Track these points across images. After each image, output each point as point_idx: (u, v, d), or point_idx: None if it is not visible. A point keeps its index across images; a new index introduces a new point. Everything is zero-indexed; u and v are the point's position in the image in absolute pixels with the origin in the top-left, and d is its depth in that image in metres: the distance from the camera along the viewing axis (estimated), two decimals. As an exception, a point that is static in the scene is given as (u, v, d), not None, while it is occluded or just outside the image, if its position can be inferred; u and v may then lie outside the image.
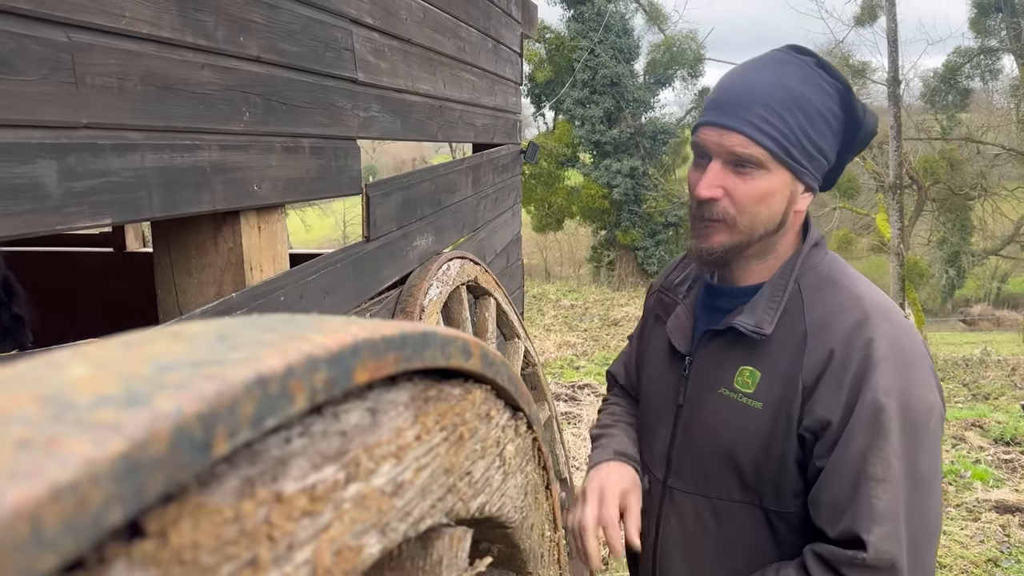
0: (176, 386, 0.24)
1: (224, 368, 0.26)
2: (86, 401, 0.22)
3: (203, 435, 0.23)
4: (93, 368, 0.25)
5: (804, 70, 1.19)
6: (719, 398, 1.26)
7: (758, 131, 1.15)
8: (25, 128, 1.10)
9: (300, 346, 0.30)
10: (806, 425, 1.16)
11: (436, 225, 2.88)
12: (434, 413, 0.47)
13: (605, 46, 20.14)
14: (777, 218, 1.22)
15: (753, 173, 1.18)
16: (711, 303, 1.35)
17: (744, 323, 1.21)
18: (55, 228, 1.15)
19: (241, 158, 1.57)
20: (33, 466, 0.18)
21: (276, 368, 0.27)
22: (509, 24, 3.95)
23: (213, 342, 0.30)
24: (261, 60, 1.63)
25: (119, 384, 0.24)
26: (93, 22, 1.21)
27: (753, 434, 1.21)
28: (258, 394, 0.26)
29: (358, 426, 0.37)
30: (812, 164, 1.20)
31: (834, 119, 1.20)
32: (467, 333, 2.92)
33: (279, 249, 1.78)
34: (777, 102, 1.16)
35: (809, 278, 1.24)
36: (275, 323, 0.34)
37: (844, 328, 1.17)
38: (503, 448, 0.65)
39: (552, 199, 22.05)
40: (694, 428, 1.31)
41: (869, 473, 1.10)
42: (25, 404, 0.22)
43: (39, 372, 0.24)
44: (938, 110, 23.18)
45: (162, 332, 0.31)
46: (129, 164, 1.28)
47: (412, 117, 2.57)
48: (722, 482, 1.27)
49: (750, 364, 1.23)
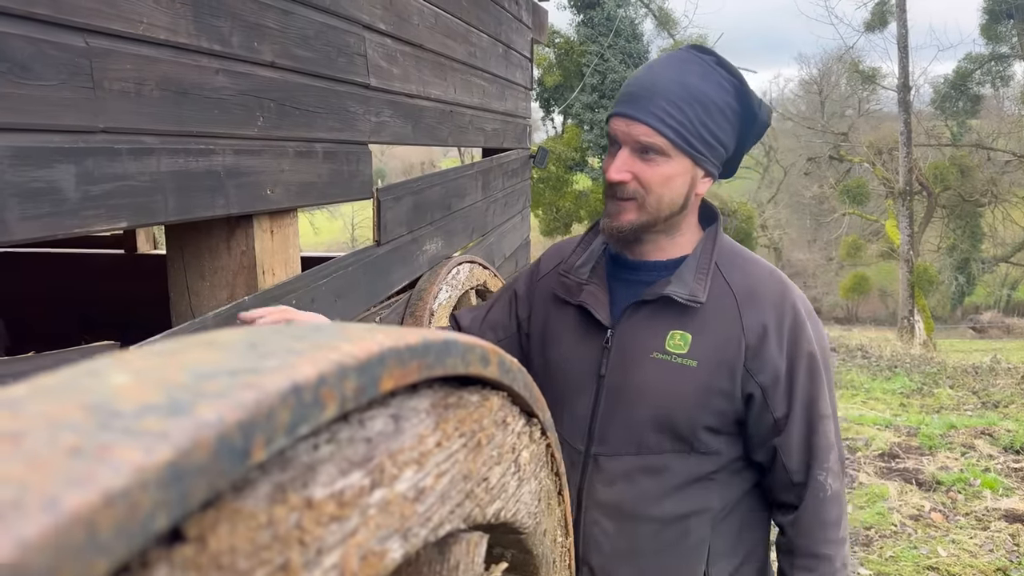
0: (216, 395, 0.25)
1: (260, 377, 0.27)
2: (131, 409, 0.23)
3: (242, 443, 0.24)
4: (133, 376, 0.26)
5: (704, 67, 1.33)
6: (651, 362, 1.37)
7: (660, 122, 1.30)
8: (44, 132, 1.11)
9: (329, 355, 0.31)
10: (759, 381, 1.34)
11: (446, 229, 2.89)
12: (454, 420, 0.48)
13: (615, 51, 20.15)
14: (680, 199, 1.36)
15: (657, 159, 1.32)
16: (627, 277, 1.45)
17: (678, 292, 1.35)
18: (73, 231, 1.16)
19: (255, 162, 1.59)
20: (87, 473, 0.19)
21: (309, 376, 0.28)
22: (520, 29, 3.96)
23: (245, 350, 0.30)
24: (275, 65, 1.65)
25: (161, 392, 0.24)
26: (111, 28, 1.22)
27: (689, 389, 1.34)
28: (293, 402, 0.27)
29: (382, 432, 0.38)
30: (711, 152, 1.35)
31: (731, 112, 1.34)
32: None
33: (291, 253, 1.79)
34: (678, 96, 1.30)
35: (721, 252, 1.41)
36: (303, 332, 0.35)
37: (772, 296, 1.37)
38: (518, 454, 0.65)
39: (560, 203, 22.05)
40: (624, 394, 1.39)
41: (820, 412, 1.35)
42: (73, 412, 0.22)
43: (82, 380, 0.25)
44: (948, 116, 23.10)
45: (195, 341, 0.32)
46: (145, 168, 1.29)
47: (423, 122, 2.58)
48: (655, 439, 1.38)
49: (680, 329, 1.36)
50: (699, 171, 1.37)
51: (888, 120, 23.70)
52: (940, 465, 5.19)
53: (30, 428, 0.21)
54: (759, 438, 1.39)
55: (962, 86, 22.43)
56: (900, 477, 5.02)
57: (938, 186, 20.78)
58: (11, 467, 0.19)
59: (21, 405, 0.23)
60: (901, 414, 6.99)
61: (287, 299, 1.71)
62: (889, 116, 23.65)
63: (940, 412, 7.13)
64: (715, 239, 1.42)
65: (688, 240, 1.45)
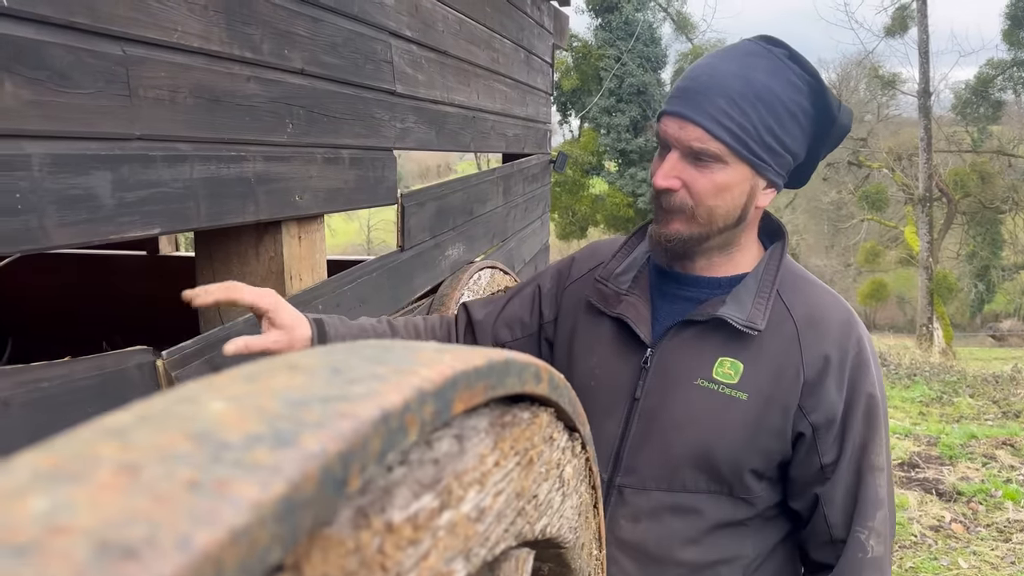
0: (315, 424, 0.25)
1: (352, 405, 0.27)
2: (238, 440, 0.23)
3: (342, 473, 0.24)
4: (230, 403, 0.26)
5: (773, 62, 1.17)
6: (694, 389, 1.23)
7: (717, 124, 1.14)
8: (81, 140, 1.13)
9: (410, 380, 0.31)
10: (812, 421, 1.21)
11: (467, 235, 2.90)
12: (509, 438, 0.48)
13: (632, 55, 20.14)
14: (736, 212, 1.21)
15: (712, 166, 1.17)
16: (673, 292, 1.31)
17: (733, 316, 1.20)
18: (109, 238, 1.17)
19: (284, 169, 1.60)
20: (212, 510, 0.19)
21: (396, 403, 0.28)
22: (541, 35, 3.97)
23: (330, 376, 0.31)
24: (304, 73, 1.66)
25: (262, 421, 0.25)
26: (147, 36, 1.23)
27: (736, 425, 1.21)
28: (383, 430, 0.27)
29: (448, 453, 0.38)
30: (775, 159, 1.19)
31: (803, 114, 1.18)
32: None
33: (318, 259, 1.80)
34: (739, 94, 1.14)
35: (783, 276, 1.27)
36: (379, 354, 0.35)
37: (838, 326, 1.23)
38: (563, 469, 0.65)
39: (576, 207, 22.06)
40: (660, 421, 1.25)
41: (872, 463, 1.21)
42: (181, 442, 0.23)
43: (180, 407, 0.25)
44: (969, 122, 22.92)
45: (277, 364, 0.32)
46: (178, 175, 1.30)
47: (446, 128, 2.58)
48: (691, 477, 1.24)
49: (730, 355, 1.22)
50: (760, 180, 1.20)
51: (907, 125, 23.56)
52: (961, 475, 5.15)
53: (144, 460, 0.21)
54: (801, 484, 1.26)
55: (983, 92, 22.25)
56: (920, 487, 4.98)
57: (958, 192, 20.63)
58: (136, 502, 0.19)
59: (129, 435, 0.23)
60: (920, 423, 6.94)
61: (313, 304, 1.72)
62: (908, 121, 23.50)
63: (960, 421, 7.06)
64: (780, 260, 1.27)
65: (746, 257, 1.29)
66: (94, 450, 0.22)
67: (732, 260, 1.29)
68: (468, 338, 1.50)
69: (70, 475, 0.20)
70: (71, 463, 0.21)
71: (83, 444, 0.22)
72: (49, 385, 1.07)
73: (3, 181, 1.00)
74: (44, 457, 0.22)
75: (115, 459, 0.21)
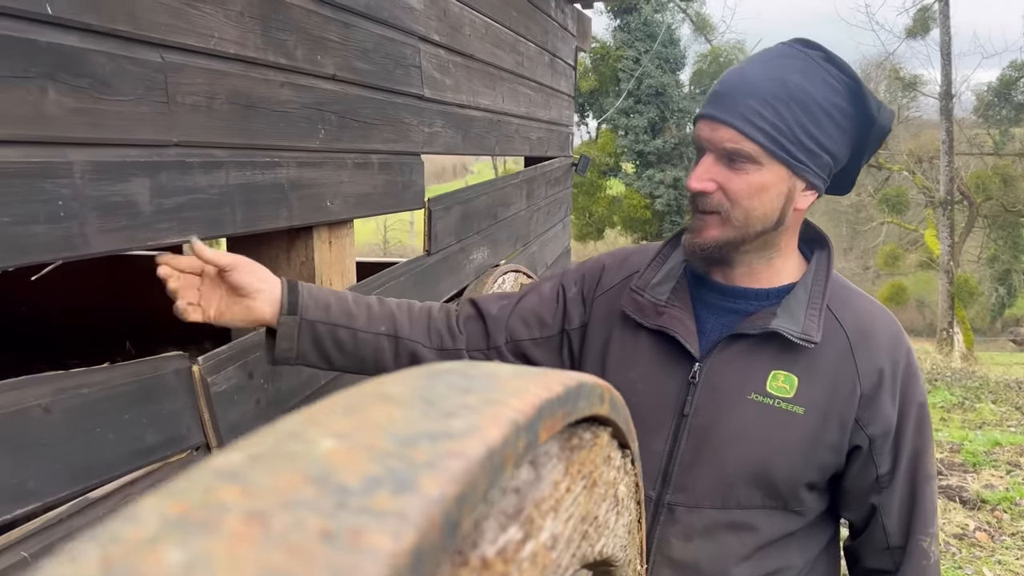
0: (428, 465, 0.25)
1: (458, 443, 0.27)
2: (357, 484, 0.23)
3: (457, 516, 0.24)
4: (339, 442, 0.26)
5: (808, 63, 1.15)
6: (749, 404, 1.20)
7: (749, 124, 1.13)
8: (122, 147, 1.13)
9: (504, 412, 0.30)
10: (869, 433, 1.20)
11: (492, 238, 2.90)
12: (577, 462, 0.48)
13: (651, 56, 20.07)
14: (774, 215, 1.18)
15: (746, 167, 1.15)
16: (716, 303, 1.28)
17: (788, 329, 1.18)
18: (147, 244, 1.18)
19: (316, 174, 1.60)
20: (351, 565, 0.19)
21: (496, 440, 0.28)
22: (565, 38, 3.96)
23: (425, 407, 0.30)
24: (336, 78, 1.66)
25: (375, 461, 0.24)
26: (185, 43, 1.24)
27: (793, 439, 1.19)
28: (488, 468, 0.27)
29: (527, 482, 0.38)
30: (812, 160, 1.16)
31: (841, 115, 1.16)
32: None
33: (347, 263, 1.80)
34: (772, 95, 1.13)
35: (829, 285, 1.25)
36: (461, 380, 0.35)
37: (888, 337, 1.23)
38: (617, 488, 0.65)
39: (593, 208, 22.02)
40: (713, 438, 1.22)
41: (927, 472, 1.23)
42: (302, 487, 0.22)
43: (290, 446, 0.25)
44: (991, 124, 22.68)
45: (368, 394, 0.32)
46: (215, 181, 1.31)
47: (472, 131, 2.59)
48: (746, 492, 1.22)
49: (784, 368, 1.20)
50: (798, 182, 1.18)
51: (928, 128, 23.36)
52: (985, 483, 5.09)
53: (271, 507, 0.21)
54: (857, 494, 1.26)
55: (1006, 94, 22.01)
56: (943, 495, 4.93)
57: (980, 195, 20.42)
58: (273, 556, 0.19)
59: (247, 477, 0.23)
60: (942, 429, 6.86)
61: (343, 309, 1.72)
62: (929, 123, 23.30)
63: (982, 428, 6.99)
64: (828, 269, 1.25)
65: (787, 266, 1.27)
66: (218, 496, 0.22)
67: (773, 268, 1.26)
68: (473, 330, 1.42)
69: (199, 524, 0.20)
70: (198, 511, 0.21)
71: (205, 489, 0.22)
72: (89, 391, 1.08)
73: (47, 188, 1.00)
74: (169, 503, 0.22)
75: (241, 506, 0.21)
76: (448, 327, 1.41)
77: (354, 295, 1.37)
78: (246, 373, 1.38)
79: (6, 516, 0.95)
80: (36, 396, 0.99)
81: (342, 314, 1.31)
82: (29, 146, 0.99)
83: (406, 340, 1.36)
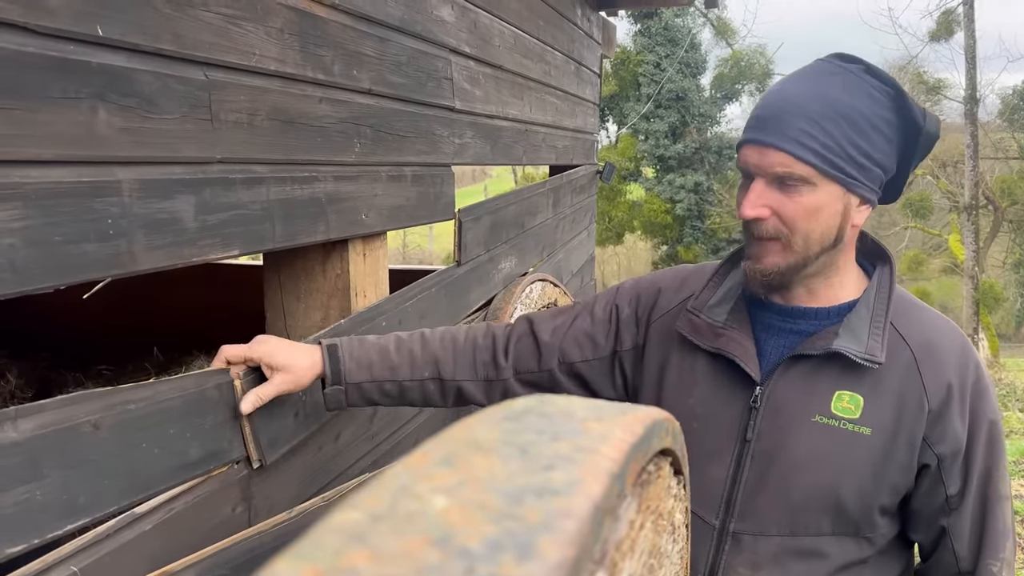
0: (544, 527, 0.25)
1: (565, 500, 0.27)
2: (480, 549, 0.24)
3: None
4: (451, 500, 0.26)
5: (849, 78, 1.15)
6: (813, 427, 1.18)
7: (800, 147, 1.12)
8: (167, 164, 1.15)
9: (599, 462, 0.31)
10: (938, 452, 1.17)
11: (519, 248, 2.90)
12: (647, 498, 0.48)
13: (671, 60, 20.02)
14: (832, 233, 1.17)
15: (800, 189, 1.14)
16: (777, 324, 1.26)
17: (851, 349, 1.16)
18: (191, 260, 1.19)
19: (352, 188, 1.61)
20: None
21: (598, 494, 0.28)
22: (590, 46, 3.97)
23: (521, 458, 0.31)
24: (372, 92, 1.67)
25: (491, 523, 0.25)
26: (228, 60, 1.26)
27: (861, 460, 1.16)
28: (595, 525, 0.27)
29: (610, 525, 0.38)
30: (864, 175, 1.15)
31: (887, 126, 1.15)
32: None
33: (380, 275, 1.82)
34: (819, 114, 1.12)
35: (892, 301, 1.22)
36: (544, 424, 0.35)
37: (954, 353, 1.19)
38: (674, 516, 0.65)
39: (613, 213, 21.96)
40: (778, 464, 1.20)
41: (1000, 492, 1.18)
42: (427, 551, 0.23)
43: (405, 505, 0.26)
44: (1016, 129, 22.40)
45: (459, 441, 0.33)
46: (256, 197, 1.32)
47: (501, 142, 2.59)
48: (815, 518, 1.19)
49: (848, 389, 1.18)
50: (853, 198, 1.16)
51: (952, 132, 23.12)
52: (1014, 494, 5.02)
53: (402, 574, 0.22)
54: (925, 516, 1.22)
55: (1032, 98, 21.73)
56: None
57: (1005, 200, 20.18)
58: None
59: (371, 540, 0.24)
60: (969, 438, 6.78)
61: (377, 321, 1.73)
62: (953, 127, 23.06)
63: (1010, 437, 6.90)
64: (890, 286, 1.22)
65: (847, 283, 1.24)
66: (349, 560, 0.22)
67: (833, 286, 1.24)
68: (525, 352, 1.44)
69: (339, 591, 0.21)
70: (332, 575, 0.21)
71: (335, 552, 0.23)
72: (135, 407, 1.09)
73: (97, 207, 1.02)
74: (303, 567, 0.22)
75: (374, 572, 0.22)
76: (493, 357, 1.44)
77: (396, 342, 1.42)
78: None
79: (58, 531, 0.97)
80: (86, 413, 1.01)
81: (385, 369, 1.39)
82: (80, 166, 1.00)
83: (450, 381, 1.42)
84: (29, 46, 0.92)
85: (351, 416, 1.69)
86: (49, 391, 2.64)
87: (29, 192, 0.93)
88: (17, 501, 0.92)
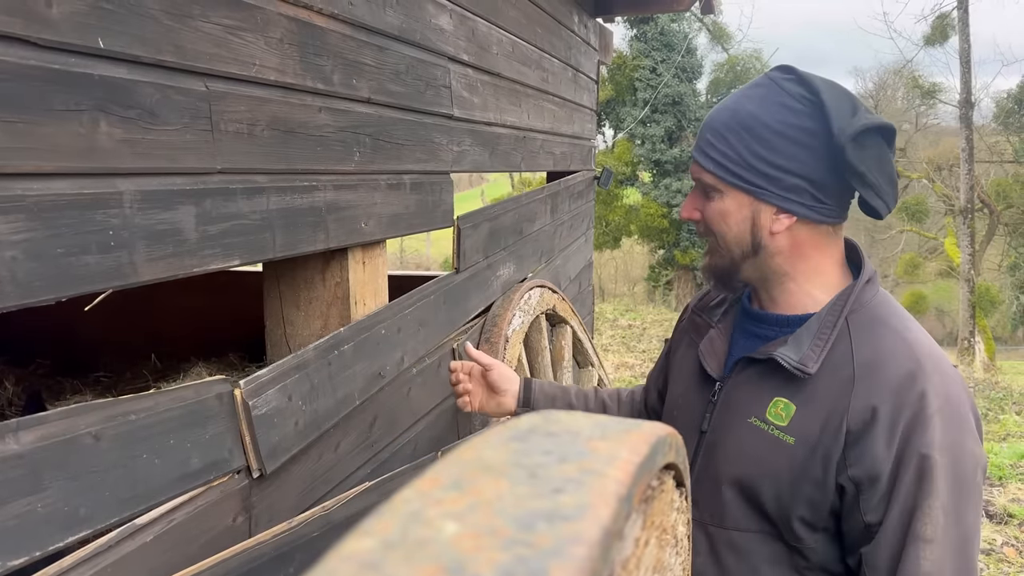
0: (555, 553, 0.25)
1: (575, 525, 0.27)
2: (492, 575, 0.24)
3: (587, 604, 0.25)
4: (461, 526, 0.27)
5: (767, 90, 1.19)
6: (747, 427, 1.23)
7: (705, 157, 1.23)
8: (168, 175, 1.15)
9: (608, 486, 0.31)
10: (852, 475, 1.14)
11: (517, 254, 2.91)
12: (651, 514, 0.48)
13: (668, 65, 20.06)
14: (745, 237, 1.23)
15: (713, 195, 1.24)
16: (749, 329, 1.33)
17: (787, 357, 1.18)
18: (192, 271, 1.19)
19: (352, 197, 1.62)
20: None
21: (607, 519, 0.29)
22: (588, 53, 3.97)
23: (529, 481, 0.31)
24: (371, 101, 1.68)
25: (502, 549, 0.25)
26: (228, 71, 1.26)
27: (780, 467, 1.19)
28: (604, 549, 0.27)
29: (616, 545, 0.39)
30: (773, 184, 1.17)
31: (804, 134, 1.15)
32: (546, 361, 2.89)
33: (380, 283, 1.82)
34: (724, 126, 1.20)
35: (860, 315, 1.20)
36: (550, 444, 0.36)
37: (896, 377, 1.14)
38: (677, 528, 0.65)
39: (609, 217, 21.97)
40: (716, 456, 1.27)
41: (918, 533, 1.10)
42: (443, 581, 0.23)
43: (416, 531, 0.26)
44: (1011, 132, 22.47)
45: (467, 462, 0.33)
46: (256, 207, 1.32)
47: (499, 149, 2.60)
48: (741, 514, 1.24)
49: (785, 396, 1.20)
50: (764, 207, 1.19)
51: (947, 135, 23.20)
52: (1012, 497, 5.03)
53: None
54: (851, 539, 1.19)
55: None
56: (969, 509, 4.87)
57: (1001, 203, 20.24)
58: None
59: (386, 570, 0.24)
60: (966, 441, 6.78)
61: (377, 329, 1.73)
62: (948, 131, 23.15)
63: (1007, 440, 6.91)
64: (848, 298, 1.21)
65: (813, 292, 1.25)
66: (366, 591, 0.23)
67: (792, 293, 1.26)
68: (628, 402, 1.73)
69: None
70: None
71: (350, 584, 0.23)
72: (136, 418, 1.10)
73: (98, 219, 1.02)
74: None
75: (392, 602, 0.22)
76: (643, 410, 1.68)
77: (576, 390, 1.72)
78: (286, 396, 1.40)
79: (59, 543, 0.97)
80: (87, 424, 1.01)
81: (564, 405, 1.68)
82: (82, 178, 1.01)
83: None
84: (31, 59, 0.92)
85: (350, 425, 1.70)
86: (43, 403, 2.63)
87: (31, 204, 0.93)
88: (18, 513, 0.92)
